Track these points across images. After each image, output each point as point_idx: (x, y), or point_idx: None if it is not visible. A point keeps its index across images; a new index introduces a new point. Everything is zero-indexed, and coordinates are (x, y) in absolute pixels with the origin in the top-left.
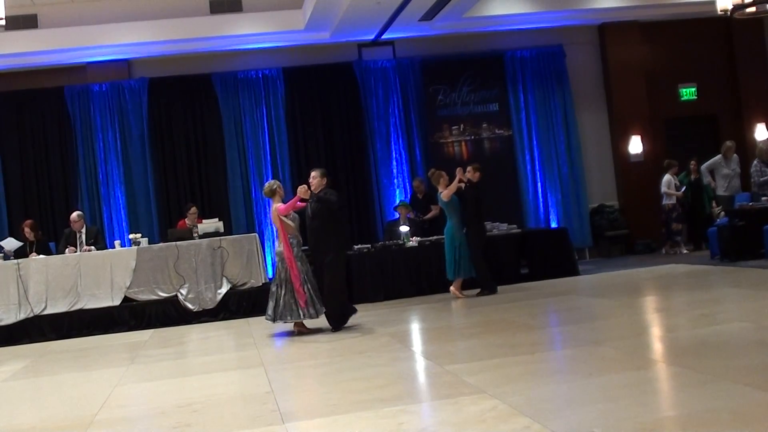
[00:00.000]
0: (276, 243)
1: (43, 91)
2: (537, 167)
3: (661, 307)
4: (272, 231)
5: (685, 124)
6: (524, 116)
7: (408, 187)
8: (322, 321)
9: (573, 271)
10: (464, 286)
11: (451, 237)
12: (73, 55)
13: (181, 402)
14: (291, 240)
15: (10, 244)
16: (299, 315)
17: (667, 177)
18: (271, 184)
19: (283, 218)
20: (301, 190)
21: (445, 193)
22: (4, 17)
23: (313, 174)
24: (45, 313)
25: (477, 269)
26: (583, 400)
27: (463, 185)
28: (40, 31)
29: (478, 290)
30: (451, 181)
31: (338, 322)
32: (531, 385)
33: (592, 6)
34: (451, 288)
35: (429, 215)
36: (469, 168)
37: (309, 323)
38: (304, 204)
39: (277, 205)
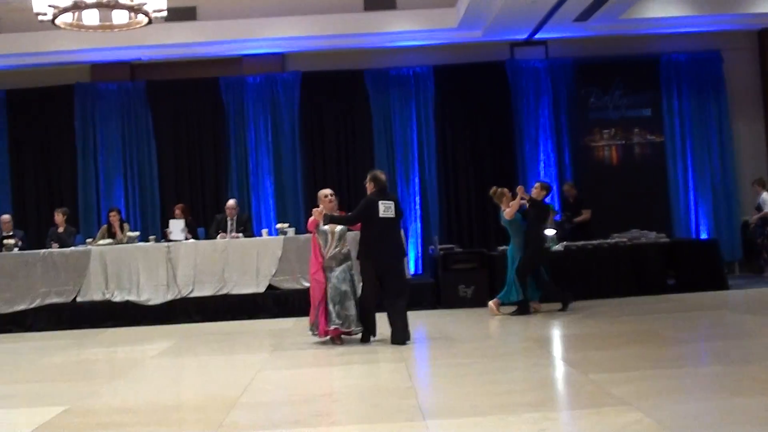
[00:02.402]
0: None
1: (199, 81)
2: (689, 175)
3: None
4: (418, 226)
5: None
6: (678, 122)
7: (556, 191)
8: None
9: (722, 285)
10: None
11: (512, 259)
12: (230, 48)
13: (322, 391)
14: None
15: (176, 226)
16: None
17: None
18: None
19: (315, 233)
20: (314, 211)
21: (507, 212)
22: (166, 9)
23: (324, 192)
24: (192, 295)
25: (519, 286)
26: (730, 421)
27: (526, 203)
28: (198, 23)
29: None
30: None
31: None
32: (677, 401)
33: (751, 10)
34: (490, 303)
35: (579, 219)
36: (535, 185)
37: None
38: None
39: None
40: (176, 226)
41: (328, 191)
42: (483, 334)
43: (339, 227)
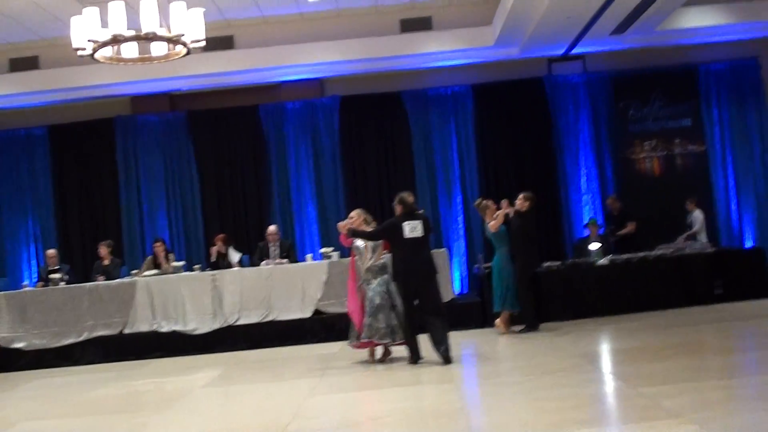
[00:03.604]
0: None
1: (239, 109)
2: (731, 184)
3: None
4: (462, 245)
5: None
6: (718, 131)
7: (598, 204)
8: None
9: None
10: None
11: (499, 269)
12: (268, 75)
13: (373, 415)
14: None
15: (234, 256)
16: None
17: None
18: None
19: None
20: (339, 225)
21: (492, 224)
22: (204, 39)
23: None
24: (238, 323)
25: (521, 303)
26: None
27: (510, 214)
28: (236, 52)
29: (522, 326)
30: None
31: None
32: (730, 412)
33: None
34: (497, 321)
35: (623, 231)
36: (520, 196)
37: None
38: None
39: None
40: (234, 256)
41: (354, 212)
42: (531, 351)
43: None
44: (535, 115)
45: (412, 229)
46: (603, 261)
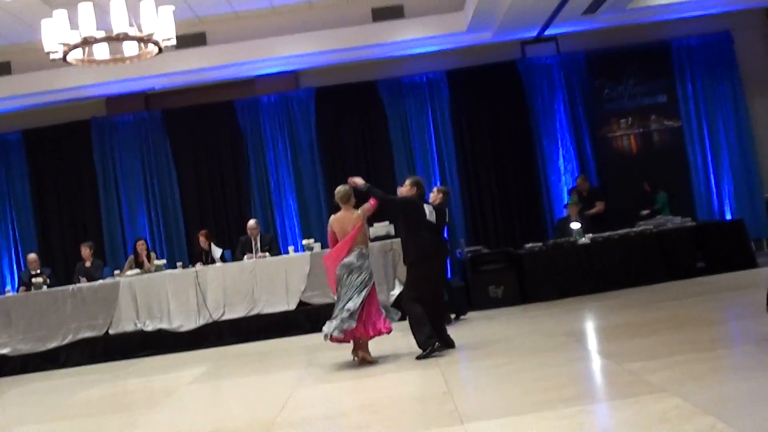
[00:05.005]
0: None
1: (214, 105)
2: (708, 158)
3: None
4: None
5: None
6: (693, 106)
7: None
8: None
9: (751, 264)
10: None
11: None
12: (242, 70)
13: (360, 403)
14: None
15: (217, 252)
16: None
17: None
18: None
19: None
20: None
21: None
22: (175, 37)
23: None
24: (223, 318)
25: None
26: None
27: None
28: (208, 48)
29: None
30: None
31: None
32: (714, 383)
33: None
34: None
35: (593, 211)
36: (433, 189)
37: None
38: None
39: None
40: (216, 252)
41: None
42: (516, 332)
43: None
44: (510, 98)
45: (430, 213)
46: (584, 240)
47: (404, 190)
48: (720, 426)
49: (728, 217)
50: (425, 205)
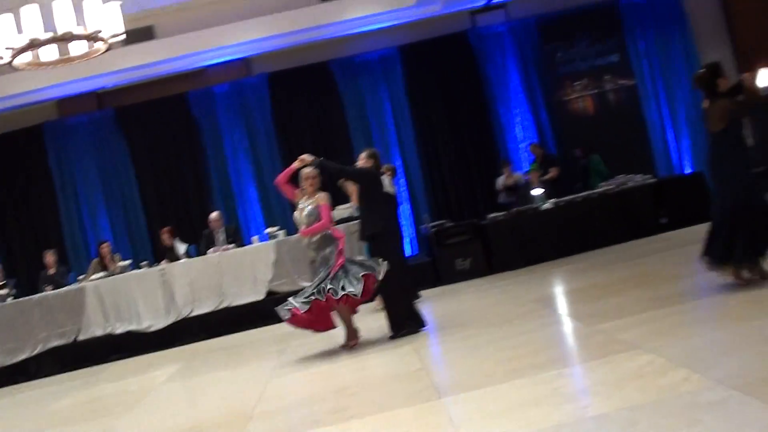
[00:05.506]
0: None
1: (167, 99)
2: (664, 113)
3: None
4: (407, 208)
5: None
6: (646, 63)
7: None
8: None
9: None
10: None
11: None
12: (192, 61)
13: (336, 387)
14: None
15: (181, 248)
16: None
17: None
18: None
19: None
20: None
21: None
22: (123, 32)
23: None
24: (192, 315)
25: None
26: (740, 346)
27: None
28: (157, 42)
29: None
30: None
31: (394, 327)
32: (685, 336)
33: None
34: None
35: (547, 177)
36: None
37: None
38: None
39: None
40: (180, 248)
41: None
42: (486, 303)
43: (309, 208)
44: (464, 69)
45: (389, 184)
46: (547, 205)
47: (361, 163)
48: (694, 377)
49: (688, 171)
50: (383, 177)
